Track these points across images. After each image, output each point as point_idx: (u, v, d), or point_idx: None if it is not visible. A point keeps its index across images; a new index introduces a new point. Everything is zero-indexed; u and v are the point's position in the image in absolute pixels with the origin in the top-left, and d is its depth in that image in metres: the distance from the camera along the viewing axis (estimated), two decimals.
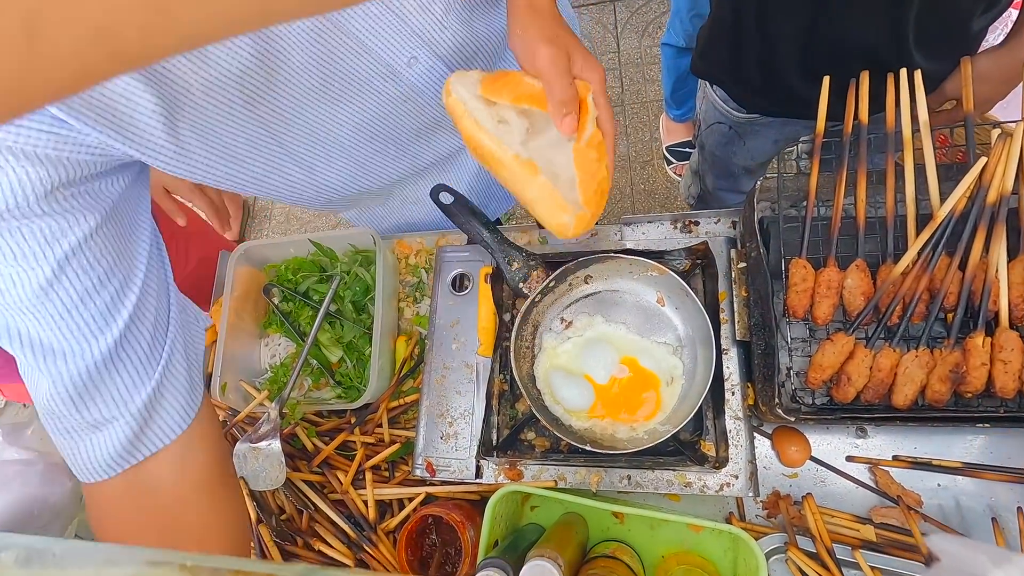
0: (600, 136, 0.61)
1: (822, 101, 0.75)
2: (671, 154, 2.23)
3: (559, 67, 0.58)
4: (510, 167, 0.60)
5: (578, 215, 0.61)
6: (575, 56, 0.61)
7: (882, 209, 0.72)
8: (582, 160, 0.60)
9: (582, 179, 0.60)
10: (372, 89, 0.71)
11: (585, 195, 0.61)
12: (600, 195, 0.62)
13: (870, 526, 0.75)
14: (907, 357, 0.67)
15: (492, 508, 0.72)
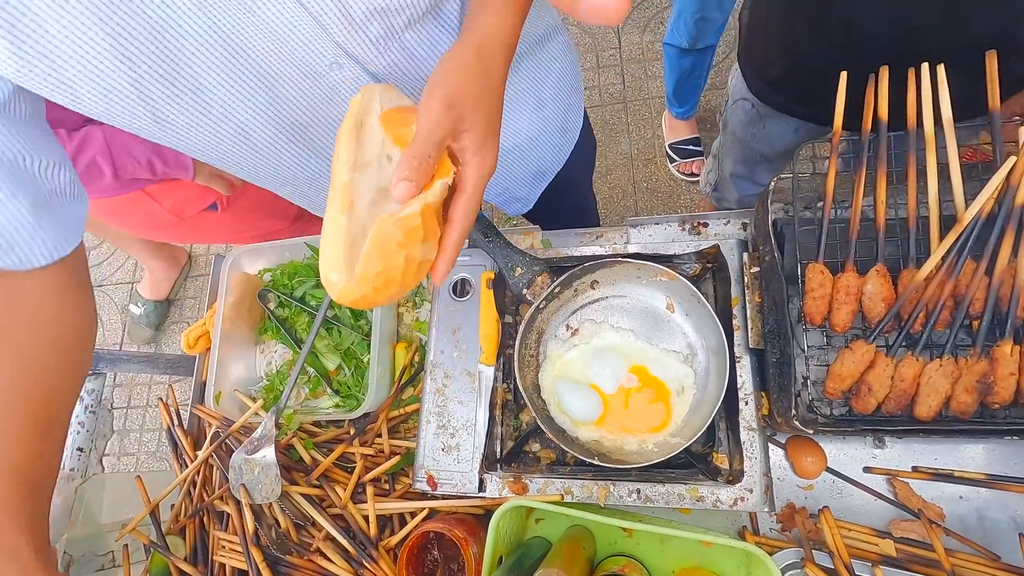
0: (415, 223, 0.50)
1: (839, 96, 0.71)
2: (674, 152, 2.19)
3: (434, 132, 0.49)
4: (332, 187, 0.51)
5: (347, 285, 0.49)
6: (469, 136, 0.52)
7: (903, 211, 0.69)
8: (381, 234, 0.49)
9: (369, 252, 0.49)
10: (289, 82, 0.63)
11: (363, 270, 0.49)
12: (385, 282, 0.50)
13: (890, 540, 0.72)
14: (931, 366, 0.64)
15: (496, 524, 0.69)
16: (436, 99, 0.50)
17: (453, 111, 0.50)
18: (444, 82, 0.51)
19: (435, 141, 0.49)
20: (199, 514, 0.88)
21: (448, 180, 0.51)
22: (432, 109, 0.49)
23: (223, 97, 0.63)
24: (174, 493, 0.92)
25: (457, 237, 0.53)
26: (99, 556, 0.89)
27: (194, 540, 0.87)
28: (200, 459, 0.89)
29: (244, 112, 0.65)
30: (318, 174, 0.83)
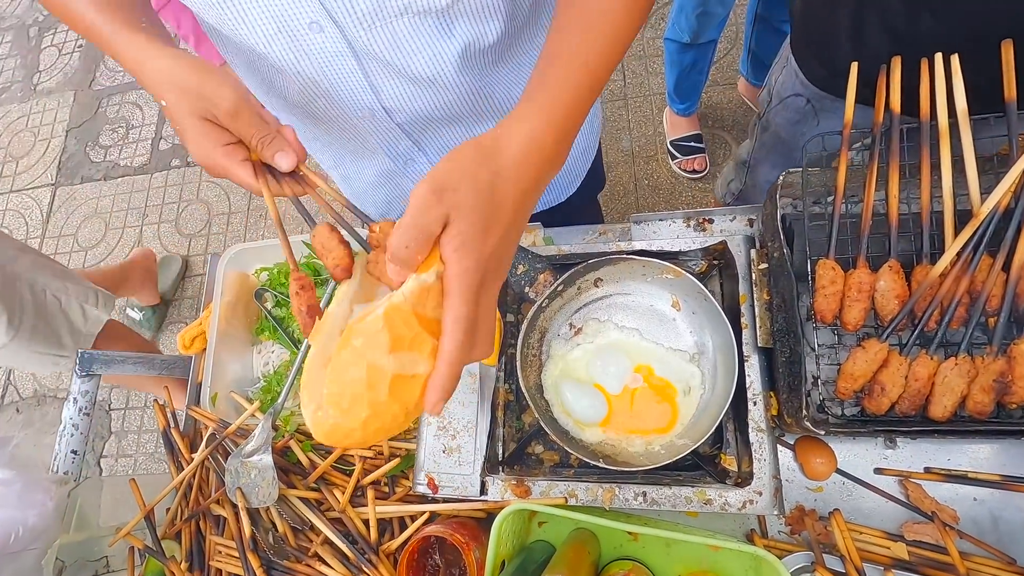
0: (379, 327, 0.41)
1: (850, 87, 0.69)
2: (675, 148, 2.17)
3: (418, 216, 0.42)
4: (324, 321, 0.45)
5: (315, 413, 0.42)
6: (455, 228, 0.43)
7: (916, 205, 0.67)
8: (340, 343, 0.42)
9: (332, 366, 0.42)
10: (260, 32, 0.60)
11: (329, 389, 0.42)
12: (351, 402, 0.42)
13: (902, 543, 0.70)
14: (946, 365, 0.62)
15: (498, 527, 0.67)
16: (425, 183, 0.43)
17: (442, 198, 0.43)
18: (438, 169, 0.45)
19: (419, 225, 0.42)
20: (195, 518, 0.86)
21: (425, 277, 0.43)
22: (418, 193, 0.43)
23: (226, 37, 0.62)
24: (170, 497, 0.90)
25: (449, 351, 0.42)
26: (92, 562, 0.87)
27: (190, 545, 0.85)
28: (196, 462, 0.87)
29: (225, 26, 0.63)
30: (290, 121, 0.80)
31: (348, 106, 0.73)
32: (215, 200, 2.63)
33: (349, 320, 0.44)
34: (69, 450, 0.96)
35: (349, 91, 0.70)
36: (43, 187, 2.91)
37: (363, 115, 0.74)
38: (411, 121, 0.77)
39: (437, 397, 0.43)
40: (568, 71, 0.51)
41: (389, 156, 0.84)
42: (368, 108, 0.73)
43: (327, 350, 0.43)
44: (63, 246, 2.74)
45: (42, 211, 2.86)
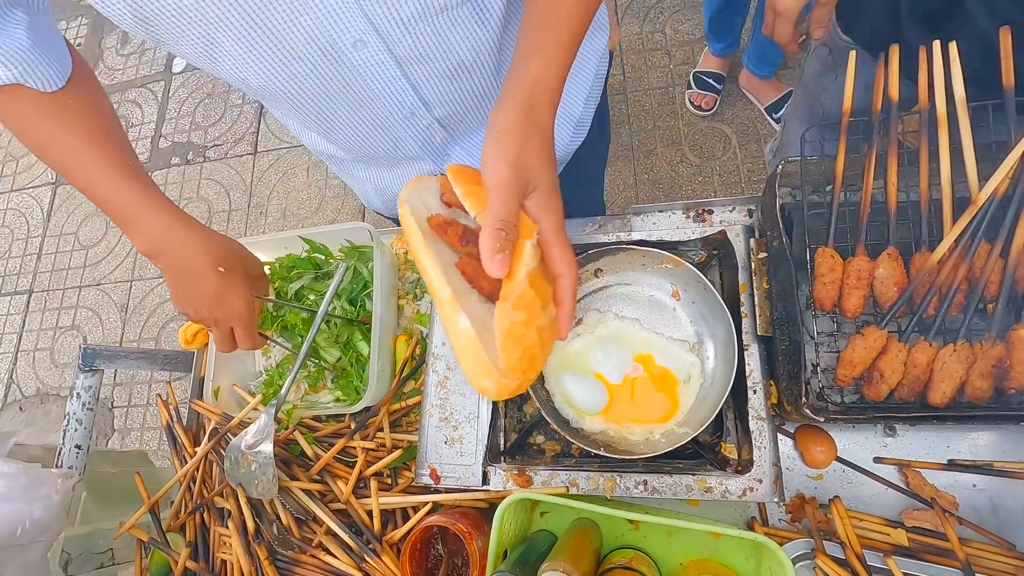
0: (531, 296, 0.51)
1: (849, 74, 0.69)
2: (695, 80, 2.19)
3: (508, 197, 0.50)
4: (444, 307, 0.51)
5: (500, 383, 0.51)
6: (537, 195, 0.53)
7: (915, 193, 0.67)
8: (504, 324, 0.50)
9: (503, 346, 0.50)
10: (306, 61, 0.63)
11: (507, 363, 0.50)
12: (529, 362, 0.52)
13: (902, 530, 0.70)
14: (945, 351, 0.62)
15: (500, 517, 0.68)
16: (505, 164, 0.51)
17: (522, 173, 0.51)
18: (507, 146, 0.52)
19: (512, 207, 0.51)
20: (199, 511, 0.87)
21: (535, 240, 0.52)
22: (502, 173, 0.50)
23: (235, 59, 0.63)
24: (174, 490, 0.91)
25: (570, 289, 0.54)
26: (98, 554, 0.88)
27: (195, 537, 0.86)
28: (199, 455, 0.87)
29: (256, 78, 0.65)
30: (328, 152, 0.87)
31: (389, 110, 0.74)
32: (215, 198, 2.64)
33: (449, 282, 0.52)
34: (73, 445, 0.97)
35: (391, 95, 0.71)
36: (43, 186, 2.92)
37: (403, 116, 0.75)
38: (448, 112, 0.78)
39: (569, 325, 0.56)
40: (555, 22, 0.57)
41: (426, 153, 0.85)
42: (409, 108, 0.74)
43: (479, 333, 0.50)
44: (64, 244, 2.75)
45: (43, 210, 2.86)
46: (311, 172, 2.57)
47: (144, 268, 2.59)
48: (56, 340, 2.59)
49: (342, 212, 2.47)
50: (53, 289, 2.68)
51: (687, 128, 2.23)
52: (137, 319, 2.51)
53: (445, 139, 0.83)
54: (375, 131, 0.79)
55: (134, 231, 0.70)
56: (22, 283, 2.74)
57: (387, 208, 1.06)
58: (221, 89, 2.85)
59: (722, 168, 2.15)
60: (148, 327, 2.48)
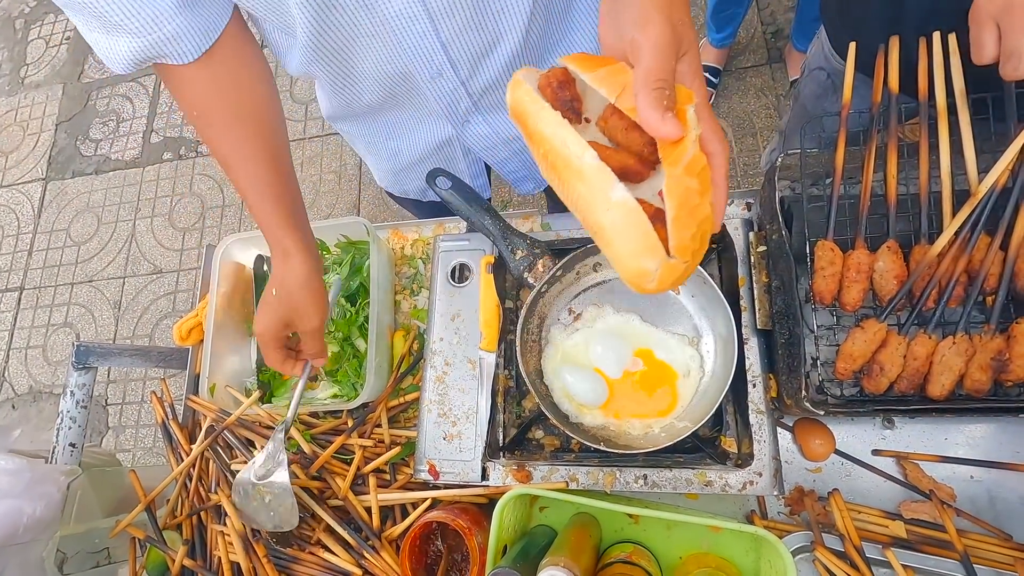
0: (704, 161, 0.43)
1: (848, 66, 0.69)
2: None
3: (668, 53, 0.44)
4: (590, 179, 0.42)
5: (667, 264, 0.42)
6: (687, 60, 0.46)
7: (914, 185, 0.67)
8: (678, 191, 0.41)
9: (677, 217, 0.41)
10: (341, 7, 0.63)
11: (679, 239, 0.41)
12: (701, 241, 0.44)
13: (900, 522, 0.71)
14: (944, 344, 0.62)
15: (500, 513, 0.68)
16: (661, 18, 0.44)
17: (676, 29, 0.45)
18: (660, 5, 0.45)
19: (671, 64, 0.44)
20: (196, 513, 0.86)
21: (695, 104, 0.44)
22: (659, 28, 0.44)
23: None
24: (170, 488, 0.90)
25: (723, 169, 0.46)
26: (94, 553, 0.87)
27: (192, 535, 0.86)
28: (195, 453, 0.87)
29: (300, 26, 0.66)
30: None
31: (418, 68, 0.73)
32: (208, 193, 2.61)
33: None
34: (67, 443, 0.96)
35: (421, 52, 0.70)
36: (34, 182, 2.88)
37: (431, 76, 0.74)
38: (473, 75, 0.77)
39: (723, 211, 0.48)
40: None
41: (449, 118, 0.84)
42: (437, 68, 0.73)
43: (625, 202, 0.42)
44: (55, 241, 2.72)
45: (33, 206, 2.83)
46: (305, 167, 2.55)
47: (137, 265, 2.57)
48: (48, 337, 2.57)
49: (337, 207, 2.45)
50: (45, 286, 2.66)
51: None
52: (130, 316, 2.49)
53: (469, 107, 0.82)
54: (399, 87, 0.78)
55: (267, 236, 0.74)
56: (13, 280, 2.71)
57: (397, 184, 1.05)
58: None
59: None
60: (142, 324, 2.46)
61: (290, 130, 2.64)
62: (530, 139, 0.47)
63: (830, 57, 0.95)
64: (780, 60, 2.18)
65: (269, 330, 0.74)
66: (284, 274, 0.73)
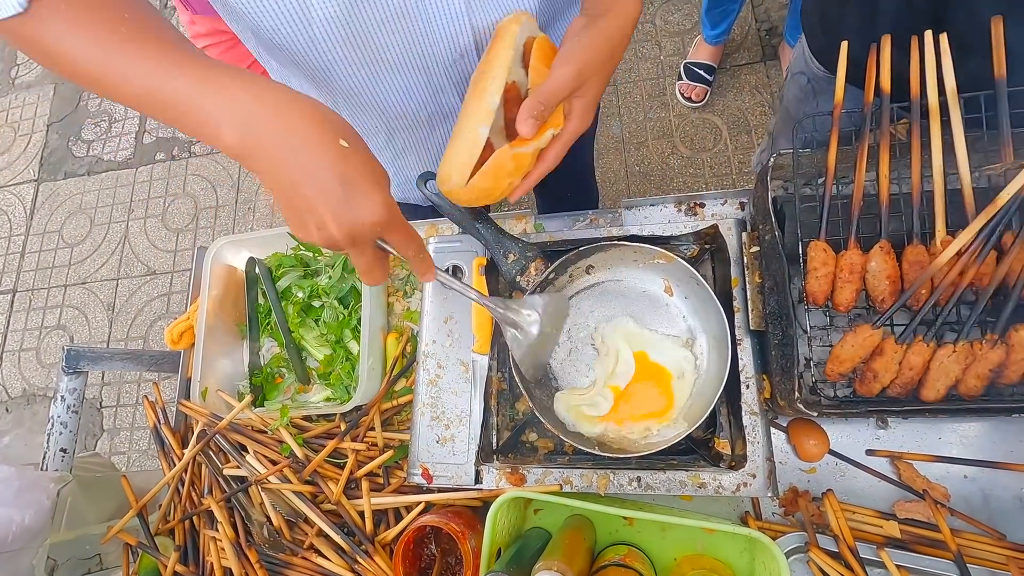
0: (528, 163, 0.63)
1: (840, 66, 0.69)
2: (686, 71, 2.18)
3: (561, 90, 0.61)
4: (480, 111, 0.61)
5: (457, 187, 0.62)
6: (580, 101, 0.64)
7: (907, 185, 0.67)
8: (499, 160, 0.61)
9: (484, 171, 0.61)
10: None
11: (475, 184, 0.62)
12: (484, 197, 0.64)
13: (894, 522, 0.71)
14: (943, 351, 0.61)
15: (493, 516, 0.67)
16: (573, 66, 0.61)
17: (580, 79, 0.61)
18: (582, 55, 0.62)
19: (560, 97, 0.61)
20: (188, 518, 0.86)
21: (556, 131, 0.64)
22: (567, 72, 0.61)
23: None
24: (163, 492, 0.90)
25: (543, 173, 0.66)
26: (85, 560, 0.86)
27: (184, 540, 0.85)
28: (187, 458, 0.86)
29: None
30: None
31: (441, 49, 0.72)
32: (202, 194, 2.60)
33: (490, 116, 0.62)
34: (58, 448, 0.95)
35: (450, 33, 0.70)
36: (26, 183, 2.86)
37: (452, 59, 0.74)
38: None
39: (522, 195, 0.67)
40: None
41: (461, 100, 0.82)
42: (461, 49, 0.72)
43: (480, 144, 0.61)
44: (48, 243, 2.70)
45: (25, 208, 2.81)
46: None
47: (130, 266, 2.55)
48: (42, 340, 2.55)
49: None
50: (38, 288, 2.64)
51: (678, 120, 2.22)
52: (124, 318, 2.47)
53: None
54: (420, 75, 0.75)
55: (211, 127, 0.46)
56: (6, 282, 2.69)
57: (398, 191, 1.01)
58: None
59: (713, 160, 2.14)
60: (136, 326, 2.45)
61: None
62: (491, 48, 0.65)
63: (810, 62, 0.95)
64: (775, 57, 2.18)
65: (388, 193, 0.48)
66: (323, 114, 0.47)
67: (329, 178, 0.45)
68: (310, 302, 0.96)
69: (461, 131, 0.62)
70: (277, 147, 0.45)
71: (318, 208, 0.46)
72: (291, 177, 0.45)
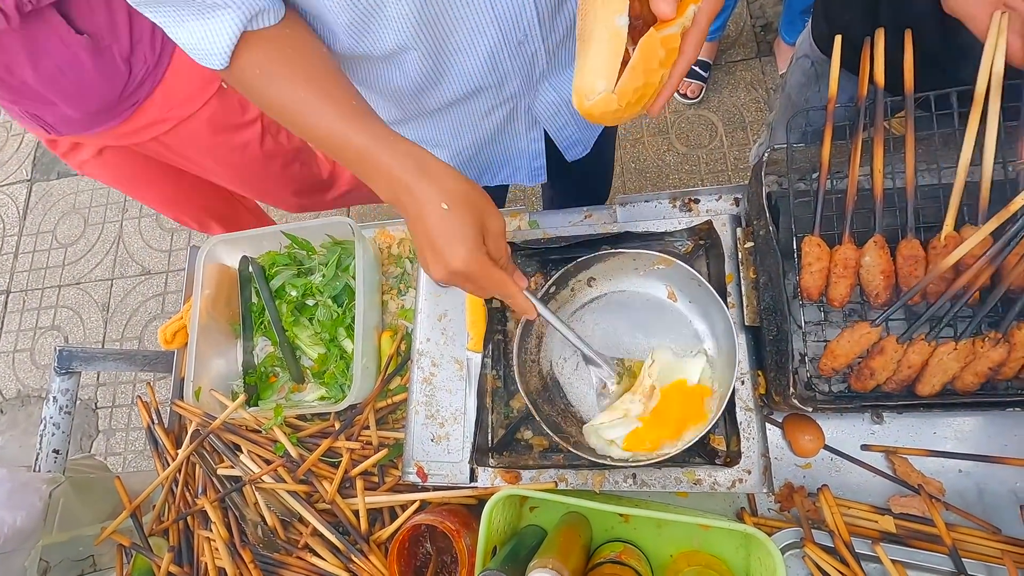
0: (676, 43, 0.52)
1: (834, 60, 0.68)
2: None
3: None
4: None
5: (607, 94, 0.51)
6: None
7: (901, 180, 0.67)
8: (647, 49, 0.50)
9: (634, 66, 0.50)
10: None
11: (626, 84, 0.50)
12: (637, 99, 0.52)
13: (889, 517, 0.71)
14: (944, 348, 0.61)
15: (488, 514, 0.67)
16: None
17: None
18: None
19: None
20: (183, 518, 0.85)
21: (697, 7, 0.52)
22: None
23: None
24: (157, 493, 0.89)
25: (685, 68, 0.55)
26: (78, 561, 0.86)
27: (178, 541, 0.85)
28: (180, 458, 0.86)
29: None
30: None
31: (505, 32, 0.71)
32: None
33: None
34: (51, 449, 0.94)
35: (514, 14, 0.69)
36: (18, 183, 2.84)
37: (516, 42, 0.73)
38: (551, 31, 0.76)
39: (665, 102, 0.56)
40: None
41: (524, 88, 0.83)
42: (524, 31, 0.72)
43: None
44: (42, 243, 2.69)
45: (18, 208, 2.79)
46: None
47: (125, 266, 2.54)
48: (36, 341, 2.54)
49: None
50: (31, 289, 2.62)
51: (674, 116, 2.22)
52: (119, 318, 2.46)
53: (544, 71, 0.81)
54: (486, 64, 0.75)
55: (372, 182, 0.61)
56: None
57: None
58: None
59: (709, 156, 2.14)
60: (131, 326, 2.44)
61: None
62: None
63: (814, 45, 0.95)
64: (770, 54, 2.17)
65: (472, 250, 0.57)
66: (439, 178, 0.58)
67: (432, 235, 0.58)
68: (304, 301, 0.96)
69: (591, 33, 0.52)
70: (409, 209, 0.59)
71: (426, 256, 0.59)
72: (418, 231, 0.59)
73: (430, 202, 0.57)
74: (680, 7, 0.51)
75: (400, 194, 0.58)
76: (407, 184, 0.57)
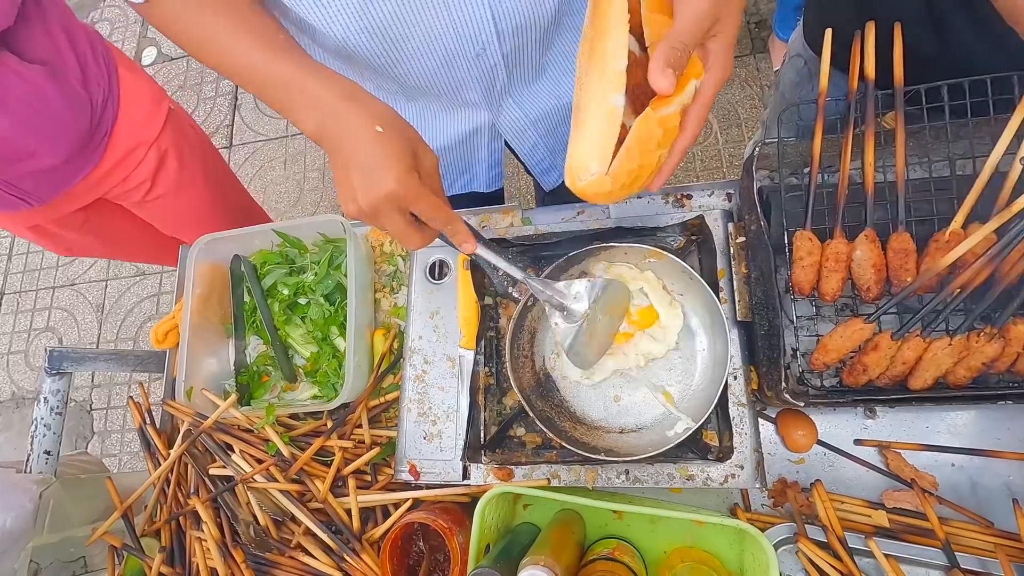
0: (675, 122, 0.50)
1: (824, 53, 0.68)
2: None
3: (699, 23, 0.49)
4: (607, 78, 0.48)
5: (600, 176, 0.49)
6: (717, 42, 0.51)
7: (891, 174, 0.66)
8: (644, 129, 0.48)
9: (629, 147, 0.48)
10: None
11: (620, 166, 0.48)
12: (632, 180, 0.50)
13: (882, 511, 0.71)
14: (939, 343, 0.60)
15: (481, 512, 0.67)
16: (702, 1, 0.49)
17: (714, 12, 0.49)
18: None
19: (696, 37, 0.49)
20: (175, 519, 0.85)
21: (699, 82, 0.50)
22: (698, 7, 0.49)
23: None
24: (149, 493, 0.89)
25: (687, 146, 0.52)
26: (69, 563, 0.85)
27: (170, 541, 0.84)
28: (172, 458, 0.85)
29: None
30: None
31: (462, 43, 0.70)
32: None
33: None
34: (42, 450, 0.94)
35: (472, 26, 0.68)
36: None
37: (474, 53, 0.72)
38: (513, 49, 0.75)
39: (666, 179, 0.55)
40: None
41: (484, 99, 0.82)
42: (482, 43, 0.71)
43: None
44: (35, 244, 2.67)
45: None
46: (288, 165, 2.52)
47: (119, 267, 2.53)
48: (31, 343, 2.53)
49: (321, 205, 2.42)
50: (25, 290, 2.61)
51: None
52: (114, 319, 2.45)
53: (505, 85, 0.80)
54: (442, 69, 0.74)
55: (296, 112, 0.58)
56: None
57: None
58: (193, 81, 2.78)
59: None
60: (125, 327, 2.43)
61: (272, 127, 2.61)
62: (595, 8, 0.51)
63: (807, 45, 0.95)
64: (764, 50, 2.17)
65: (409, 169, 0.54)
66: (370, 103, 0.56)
67: (360, 159, 0.54)
68: (296, 299, 0.95)
69: (586, 109, 0.50)
70: (333, 144, 0.55)
71: (353, 184, 0.54)
72: (341, 161, 0.55)
73: (362, 127, 0.54)
74: (680, 82, 0.48)
75: (327, 121, 0.55)
76: (335, 110, 0.54)
